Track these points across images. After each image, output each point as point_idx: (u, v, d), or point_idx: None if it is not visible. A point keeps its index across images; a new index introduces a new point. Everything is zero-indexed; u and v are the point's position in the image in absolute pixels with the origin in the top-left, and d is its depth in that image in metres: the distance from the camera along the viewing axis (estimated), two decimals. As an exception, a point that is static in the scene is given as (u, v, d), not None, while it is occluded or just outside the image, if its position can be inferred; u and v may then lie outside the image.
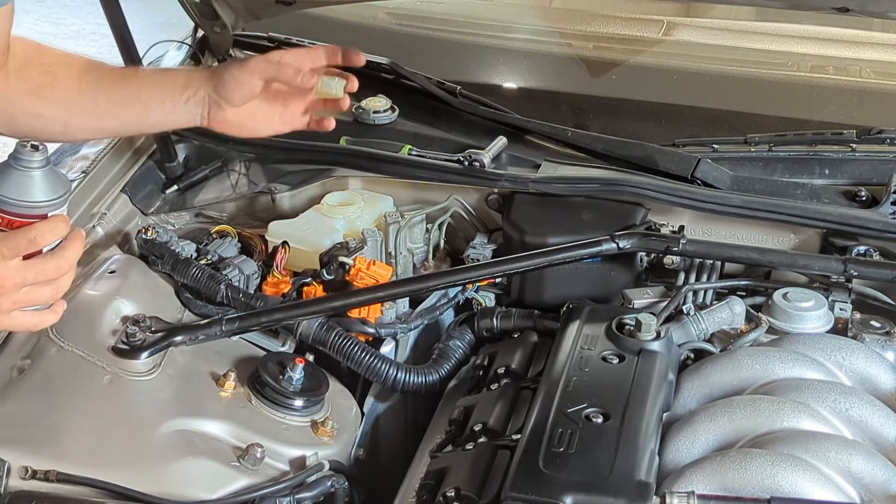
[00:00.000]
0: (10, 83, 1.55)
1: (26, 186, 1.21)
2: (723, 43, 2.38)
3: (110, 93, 1.58)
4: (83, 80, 1.57)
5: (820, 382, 1.40)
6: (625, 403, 1.32)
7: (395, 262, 1.80)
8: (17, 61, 1.56)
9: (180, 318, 1.66)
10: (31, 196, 1.21)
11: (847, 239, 1.70)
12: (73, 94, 1.57)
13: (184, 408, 1.48)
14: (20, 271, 1.22)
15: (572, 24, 2.53)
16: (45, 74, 1.57)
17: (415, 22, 2.50)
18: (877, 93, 2.23)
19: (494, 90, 2.27)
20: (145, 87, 1.59)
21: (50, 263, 1.24)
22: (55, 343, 1.52)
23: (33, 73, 1.57)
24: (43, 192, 1.22)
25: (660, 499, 1.19)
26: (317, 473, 1.45)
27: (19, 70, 1.56)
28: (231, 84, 1.54)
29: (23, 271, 1.22)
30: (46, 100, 1.56)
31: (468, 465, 1.33)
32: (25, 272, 1.22)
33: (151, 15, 3.82)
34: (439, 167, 1.85)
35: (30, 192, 1.21)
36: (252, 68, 1.54)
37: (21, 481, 1.33)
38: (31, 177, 1.21)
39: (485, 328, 1.68)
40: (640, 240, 1.65)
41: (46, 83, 1.57)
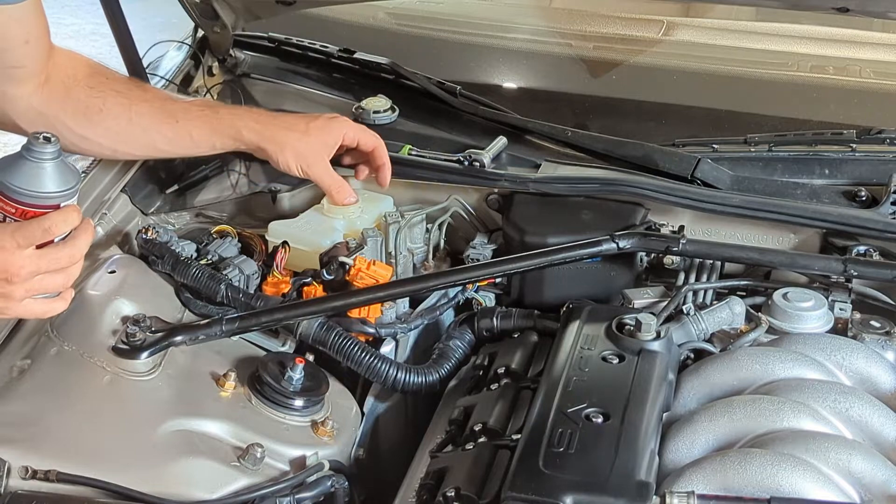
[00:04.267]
0: (56, 100, 1.56)
1: (39, 177, 1.24)
2: (723, 43, 2.38)
3: (161, 128, 1.64)
4: (133, 111, 1.61)
5: (820, 382, 1.40)
6: (625, 403, 1.32)
7: (395, 262, 1.80)
8: (65, 78, 1.57)
9: (180, 318, 1.66)
10: (45, 187, 1.24)
11: (847, 239, 1.70)
12: (123, 124, 1.61)
13: (184, 408, 1.48)
14: (34, 260, 1.26)
15: (572, 24, 2.53)
16: (95, 98, 1.60)
17: (415, 22, 2.50)
18: (877, 93, 2.23)
19: (494, 90, 2.27)
20: (196, 128, 1.67)
21: (63, 252, 1.28)
22: (55, 343, 1.52)
23: (82, 94, 1.59)
24: (56, 182, 1.25)
25: (660, 499, 1.19)
26: (317, 473, 1.45)
27: (67, 89, 1.57)
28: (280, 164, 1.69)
29: (36, 260, 1.26)
30: (95, 125, 1.59)
31: (468, 465, 1.33)
32: (39, 261, 1.26)
33: (151, 15, 3.82)
34: (439, 167, 1.85)
35: (43, 183, 1.24)
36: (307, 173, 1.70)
37: (21, 481, 1.33)
38: (44, 168, 1.24)
39: (485, 328, 1.68)
40: (640, 240, 1.65)
41: (95, 108, 1.59)
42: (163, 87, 2.11)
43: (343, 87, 2.17)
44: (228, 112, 1.73)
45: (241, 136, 1.69)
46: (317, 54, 2.21)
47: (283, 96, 2.18)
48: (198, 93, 2.12)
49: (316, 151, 1.72)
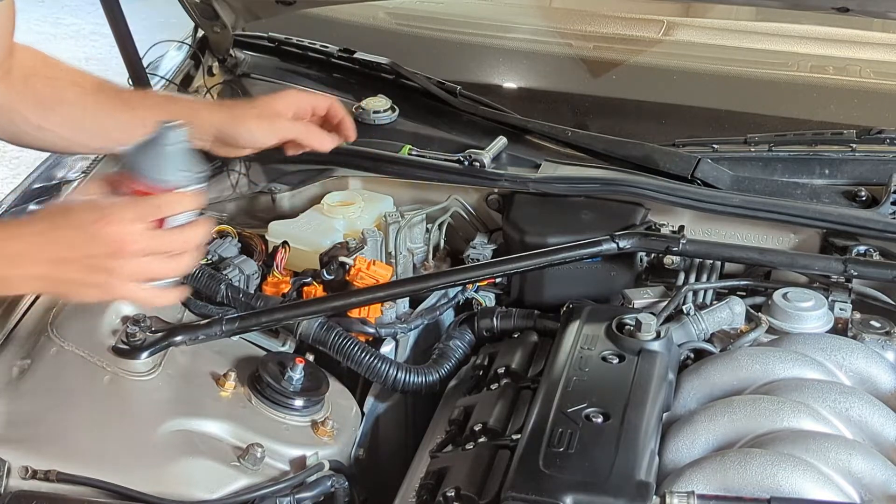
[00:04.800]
0: (16, 91, 1.56)
1: (159, 161, 1.29)
2: (723, 43, 2.38)
3: (116, 115, 1.62)
4: (89, 99, 1.60)
5: (820, 382, 1.40)
6: (625, 403, 1.32)
7: (395, 262, 1.80)
8: (24, 70, 1.57)
9: (180, 318, 1.66)
10: (162, 170, 1.29)
11: (847, 239, 1.70)
12: (78, 112, 1.60)
13: (184, 408, 1.48)
14: (144, 237, 1.27)
15: (572, 24, 2.53)
16: (52, 88, 1.59)
17: (415, 22, 2.50)
18: (877, 93, 2.23)
19: (494, 90, 2.27)
20: (152, 115, 1.62)
21: (175, 236, 1.29)
22: (55, 343, 1.52)
23: (39, 84, 1.59)
24: (174, 167, 1.30)
25: (660, 499, 1.19)
26: (317, 473, 1.45)
27: (26, 79, 1.57)
28: (245, 136, 1.64)
29: (147, 239, 1.27)
30: (51, 114, 1.58)
31: (468, 465, 1.33)
32: (151, 240, 1.27)
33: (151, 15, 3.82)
34: (439, 167, 1.85)
35: (162, 166, 1.29)
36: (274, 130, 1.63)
37: (21, 481, 1.33)
38: (166, 152, 1.29)
39: (485, 328, 1.68)
40: (640, 240, 1.65)
41: (53, 97, 1.58)
42: (163, 87, 2.11)
43: (343, 87, 2.17)
44: (185, 101, 1.72)
45: (197, 120, 1.62)
46: (317, 54, 2.21)
47: (283, 96, 2.18)
48: (198, 93, 2.12)
49: (275, 115, 1.68)
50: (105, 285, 1.29)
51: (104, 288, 1.30)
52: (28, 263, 1.27)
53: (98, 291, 1.31)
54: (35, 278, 1.29)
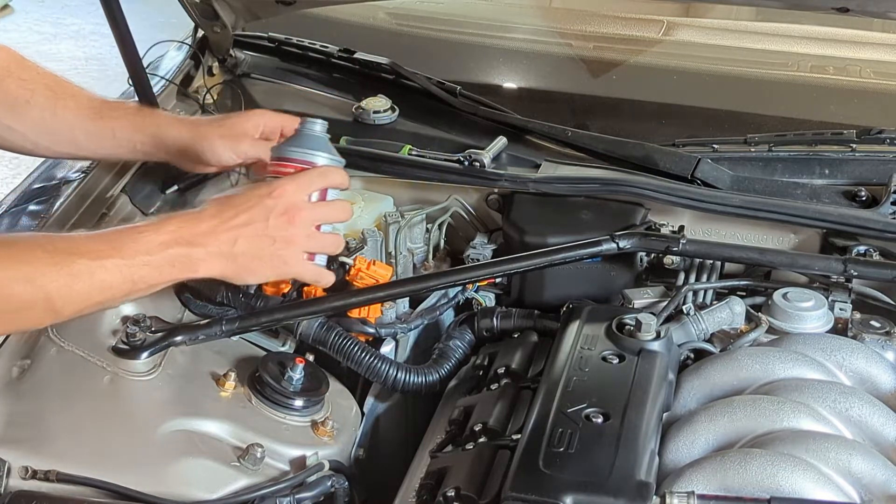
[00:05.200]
0: None
1: (306, 145, 1.52)
2: (723, 43, 2.38)
3: (84, 123, 1.64)
4: (60, 104, 1.61)
5: (820, 382, 1.40)
6: (625, 403, 1.32)
7: (395, 262, 1.80)
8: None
9: (180, 318, 1.66)
10: (310, 152, 1.52)
11: (847, 239, 1.70)
12: (48, 116, 1.61)
13: (184, 408, 1.48)
14: (311, 207, 1.45)
15: (572, 24, 2.53)
16: (24, 90, 1.61)
17: (415, 22, 2.50)
18: (877, 93, 2.23)
19: (494, 90, 2.27)
20: (120, 126, 1.65)
21: (334, 206, 1.48)
22: (55, 343, 1.52)
23: (12, 85, 1.60)
24: (320, 150, 1.53)
25: (660, 499, 1.19)
26: (317, 473, 1.45)
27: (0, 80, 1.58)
28: (208, 154, 1.65)
29: (313, 208, 1.45)
30: (20, 115, 1.60)
31: (468, 465, 1.33)
32: (315, 210, 1.45)
33: (151, 15, 3.83)
34: (439, 167, 1.85)
35: (310, 149, 1.52)
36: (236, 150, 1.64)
37: (21, 481, 1.33)
38: (312, 138, 1.53)
39: (485, 328, 1.68)
40: (640, 240, 1.65)
41: (23, 99, 1.60)
42: (163, 87, 2.11)
43: (343, 87, 2.17)
44: (153, 113, 1.73)
45: (164, 134, 1.65)
46: (317, 54, 2.21)
47: (283, 96, 2.18)
48: (198, 93, 2.12)
49: (240, 135, 1.68)
50: (280, 256, 1.42)
51: (280, 259, 1.42)
52: (209, 241, 1.37)
53: (274, 264, 1.42)
54: (215, 256, 1.38)
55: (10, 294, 1.22)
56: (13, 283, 1.22)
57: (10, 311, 1.24)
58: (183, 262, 1.36)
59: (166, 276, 1.36)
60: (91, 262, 1.28)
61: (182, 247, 1.35)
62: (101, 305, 1.32)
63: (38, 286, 1.24)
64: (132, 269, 1.31)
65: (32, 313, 1.27)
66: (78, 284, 1.27)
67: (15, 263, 1.24)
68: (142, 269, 1.32)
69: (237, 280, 1.43)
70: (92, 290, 1.28)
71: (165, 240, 1.34)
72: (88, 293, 1.28)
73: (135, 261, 1.31)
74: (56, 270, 1.26)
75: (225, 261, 1.39)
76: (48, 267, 1.26)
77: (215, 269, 1.39)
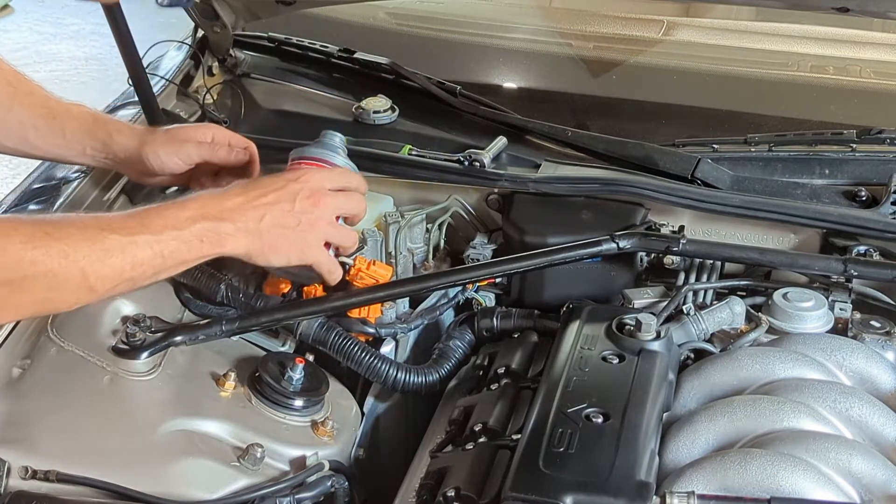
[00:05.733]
0: None
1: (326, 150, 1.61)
2: (723, 43, 2.38)
3: (37, 121, 1.64)
4: (16, 101, 1.61)
5: (820, 382, 1.40)
6: (625, 403, 1.32)
7: (395, 262, 1.80)
8: None
9: (180, 318, 1.66)
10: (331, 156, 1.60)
11: (847, 239, 1.70)
12: (3, 111, 1.63)
13: (184, 408, 1.48)
14: (333, 195, 1.49)
15: (572, 24, 2.53)
16: None
17: (415, 22, 2.50)
18: (877, 93, 2.23)
19: (494, 90, 2.27)
20: (71, 128, 1.65)
21: (354, 196, 1.52)
22: (55, 343, 1.52)
23: None
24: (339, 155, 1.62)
25: (660, 499, 1.19)
26: (317, 473, 1.45)
27: None
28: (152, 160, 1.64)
29: (333, 197, 1.49)
30: None
31: (468, 465, 1.33)
32: (336, 199, 1.49)
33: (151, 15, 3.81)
34: (439, 167, 1.85)
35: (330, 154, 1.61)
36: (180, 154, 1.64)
37: (21, 481, 1.33)
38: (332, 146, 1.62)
39: (485, 328, 1.68)
40: (640, 240, 1.65)
41: None
42: (163, 87, 2.11)
43: (343, 87, 2.17)
44: (107, 119, 1.72)
45: (112, 141, 1.65)
46: (317, 54, 2.21)
47: (283, 96, 2.18)
48: (198, 93, 2.12)
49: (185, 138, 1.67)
50: (304, 237, 1.45)
51: (304, 241, 1.45)
52: (236, 217, 1.39)
53: (298, 245, 1.44)
54: (241, 231, 1.39)
55: (47, 271, 1.22)
56: (48, 260, 1.22)
57: (47, 288, 1.23)
58: (210, 236, 1.36)
59: (195, 252, 1.36)
60: (122, 238, 1.29)
61: (209, 221, 1.36)
62: (133, 283, 1.32)
63: (71, 261, 1.24)
64: (162, 245, 1.32)
65: (68, 291, 1.26)
66: (111, 259, 1.27)
67: (49, 240, 1.23)
68: (171, 243, 1.32)
69: (261, 259, 1.43)
70: (124, 265, 1.28)
71: (192, 215, 1.36)
72: (121, 268, 1.28)
73: (163, 236, 1.32)
74: (89, 246, 1.26)
75: (251, 237, 1.40)
76: (81, 242, 1.26)
77: (241, 244, 1.39)
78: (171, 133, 1.68)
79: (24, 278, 1.20)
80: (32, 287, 1.22)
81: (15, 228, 1.22)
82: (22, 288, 1.21)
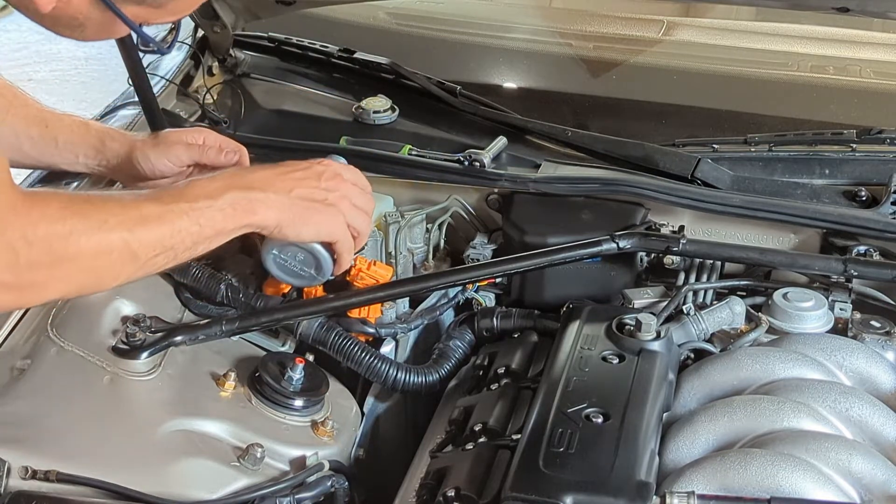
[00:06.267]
0: None
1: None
2: (723, 43, 2.38)
3: (30, 130, 1.65)
4: (10, 112, 1.63)
5: (820, 382, 1.40)
6: (625, 403, 1.32)
7: (395, 262, 1.80)
8: None
9: (180, 318, 1.66)
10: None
11: (847, 239, 1.70)
12: None
13: (184, 408, 1.48)
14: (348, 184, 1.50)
15: (572, 24, 2.53)
16: None
17: (415, 22, 2.50)
18: (877, 93, 2.23)
19: (494, 90, 2.27)
20: (63, 135, 1.67)
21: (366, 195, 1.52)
22: (55, 343, 1.52)
23: None
24: None
25: (660, 499, 1.19)
26: (317, 473, 1.45)
27: None
28: (143, 163, 1.64)
29: (353, 184, 1.51)
30: None
31: (468, 465, 1.33)
32: (352, 188, 1.50)
33: (151, 15, 3.81)
34: (439, 167, 1.85)
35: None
36: (169, 155, 1.63)
37: (21, 481, 1.33)
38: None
39: (485, 328, 1.68)
40: (640, 240, 1.65)
41: None
42: (163, 87, 2.11)
43: (343, 87, 2.17)
44: (98, 127, 1.73)
45: (104, 147, 1.67)
46: (317, 54, 2.21)
47: (283, 96, 2.18)
48: (198, 93, 2.12)
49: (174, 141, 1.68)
50: (331, 212, 1.45)
51: (331, 215, 1.46)
52: (266, 186, 1.41)
53: (326, 218, 1.45)
54: (273, 199, 1.40)
55: (89, 241, 1.23)
56: (92, 232, 1.23)
57: (92, 255, 1.24)
58: (242, 203, 1.37)
59: (229, 220, 1.36)
60: (158, 206, 1.30)
61: (240, 190, 1.38)
62: (173, 253, 1.32)
63: (112, 226, 1.25)
64: (197, 212, 1.33)
65: (112, 257, 1.26)
66: (150, 226, 1.28)
67: (91, 210, 1.24)
68: (205, 211, 1.33)
69: (291, 230, 1.43)
70: (163, 231, 1.29)
71: (222, 185, 1.37)
72: (160, 236, 1.29)
73: (198, 204, 1.33)
74: (127, 212, 1.27)
75: (282, 206, 1.41)
76: (118, 208, 1.27)
77: (272, 213, 1.40)
78: (161, 136, 1.69)
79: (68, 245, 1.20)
80: (77, 255, 1.22)
81: (53, 196, 1.24)
82: (67, 255, 1.21)
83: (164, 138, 1.68)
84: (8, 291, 1.19)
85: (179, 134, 1.69)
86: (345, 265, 1.53)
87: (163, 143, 1.66)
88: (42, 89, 5.44)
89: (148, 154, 1.65)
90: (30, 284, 1.20)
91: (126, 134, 1.72)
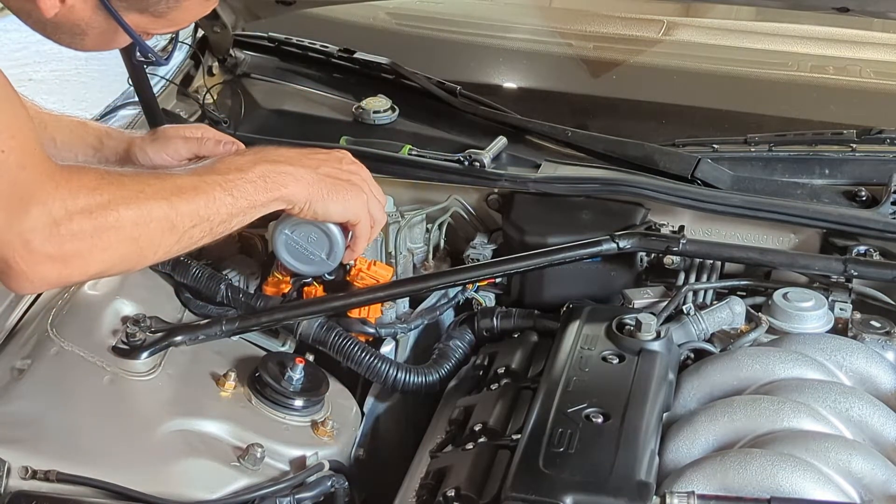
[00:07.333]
0: None
1: None
2: (723, 43, 2.38)
3: None
4: None
5: (820, 382, 1.40)
6: (625, 403, 1.32)
7: (395, 262, 1.80)
8: None
9: (180, 318, 1.66)
10: None
11: (847, 239, 1.70)
12: None
13: (184, 408, 1.48)
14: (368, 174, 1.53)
15: (572, 24, 2.53)
16: None
17: (415, 22, 2.50)
18: (877, 93, 2.23)
19: (494, 90, 2.27)
20: (61, 137, 1.67)
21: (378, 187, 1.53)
22: (55, 343, 1.52)
23: None
24: None
25: (660, 499, 1.19)
26: (317, 473, 1.45)
27: None
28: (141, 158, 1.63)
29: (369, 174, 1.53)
30: None
31: (468, 465, 1.33)
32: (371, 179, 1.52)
33: (151, 15, 3.82)
34: (439, 167, 1.85)
35: None
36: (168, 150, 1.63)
37: (21, 481, 1.33)
38: None
39: (485, 328, 1.68)
40: (640, 240, 1.65)
41: None
42: (163, 87, 2.11)
43: (343, 87, 2.17)
44: (96, 125, 1.73)
45: (102, 146, 1.66)
46: (317, 54, 2.21)
47: (283, 96, 2.18)
48: (198, 93, 2.12)
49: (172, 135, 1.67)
50: (355, 191, 1.47)
51: (355, 193, 1.48)
52: (293, 161, 1.43)
53: (352, 196, 1.47)
54: (301, 173, 1.42)
55: (128, 210, 1.23)
56: (130, 200, 1.23)
57: (132, 224, 1.24)
58: (273, 176, 1.39)
59: (261, 193, 1.37)
60: (192, 177, 1.32)
61: (270, 164, 1.40)
62: (209, 225, 1.33)
63: (149, 194, 1.26)
64: (229, 184, 1.34)
65: (152, 230, 1.26)
66: (186, 195, 1.29)
67: (127, 181, 1.26)
68: (237, 182, 1.35)
69: (320, 205, 1.44)
70: (199, 203, 1.30)
71: (252, 158, 1.40)
72: (196, 206, 1.30)
73: (230, 175, 1.35)
74: (162, 183, 1.28)
75: (311, 180, 1.43)
76: (154, 179, 1.29)
77: (301, 187, 1.42)
78: (160, 131, 1.68)
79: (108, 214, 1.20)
80: (117, 223, 1.22)
81: (87, 168, 1.26)
82: (107, 224, 1.21)
83: (162, 133, 1.67)
84: (52, 264, 1.19)
85: (177, 128, 1.69)
86: (359, 250, 1.54)
87: (161, 138, 1.66)
88: (42, 89, 5.44)
89: (146, 149, 1.65)
90: (73, 255, 1.20)
91: (124, 132, 1.72)
